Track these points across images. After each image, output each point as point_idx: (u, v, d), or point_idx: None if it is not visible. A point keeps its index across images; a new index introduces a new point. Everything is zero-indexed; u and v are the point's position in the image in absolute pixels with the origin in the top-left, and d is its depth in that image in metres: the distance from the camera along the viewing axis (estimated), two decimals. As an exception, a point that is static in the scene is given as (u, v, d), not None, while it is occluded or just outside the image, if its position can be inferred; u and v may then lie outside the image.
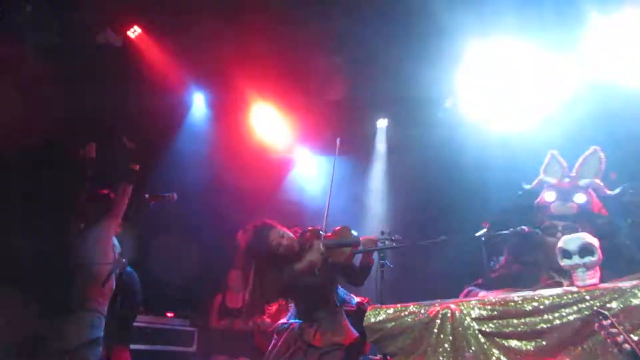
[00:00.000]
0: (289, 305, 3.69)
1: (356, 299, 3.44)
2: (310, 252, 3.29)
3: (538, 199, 3.01)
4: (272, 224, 3.35)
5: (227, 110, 7.05)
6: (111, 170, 3.84)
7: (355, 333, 3.25)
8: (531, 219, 3.02)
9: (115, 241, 3.75)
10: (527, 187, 3.18)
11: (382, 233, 3.16)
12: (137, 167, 3.56)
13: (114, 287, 3.53)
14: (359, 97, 6.77)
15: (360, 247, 3.21)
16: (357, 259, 3.38)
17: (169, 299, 6.31)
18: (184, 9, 5.65)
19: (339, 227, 3.35)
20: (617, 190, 2.97)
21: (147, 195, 3.61)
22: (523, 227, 2.87)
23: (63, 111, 5.52)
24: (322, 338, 3.20)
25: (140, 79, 6.23)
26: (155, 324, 5.92)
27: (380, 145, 7.42)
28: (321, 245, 3.24)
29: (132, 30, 6.13)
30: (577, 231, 2.74)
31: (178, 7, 5.67)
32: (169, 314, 6.22)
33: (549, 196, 2.94)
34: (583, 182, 2.92)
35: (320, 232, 3.33)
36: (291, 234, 3.33)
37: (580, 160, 2.98)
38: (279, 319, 3.72)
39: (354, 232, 3.29)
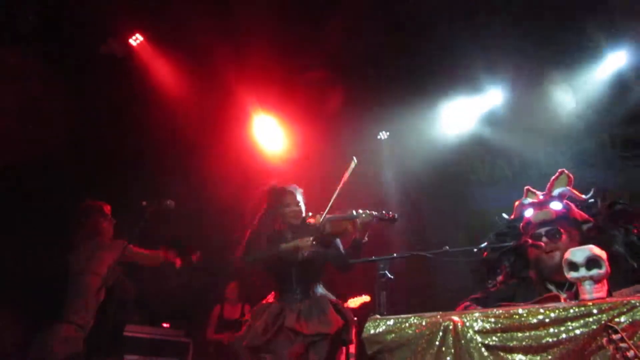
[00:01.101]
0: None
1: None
2: (301, 239, 3.33)
3: (522, 222, 3.03)
4: (292, 191, 3.48)
5: (227, 121, 7.04)
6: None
7: (341, 320, 3.21)
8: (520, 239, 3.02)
9: (111, 253, 3.73)
10: (507, 217, 3.21)
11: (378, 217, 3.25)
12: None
13: (101, 300, 3.48)
14: (360, 110, 6.79)
15: (359, 219, 3.26)
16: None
17: (165, 310, 6.26)
18: (185, 17, 5.67)
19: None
20: (590, 193, 2.99)
21: (144, 203, 3.57)
22: (527, 239, 2.85)
23: (65, 122, 5.53)
24: (308, 325, 3.17)
25: (143, 87, 6.24)
26: (150, 334, 5.87)
27: (381, 157, 7.41)
28: (320, 218, 3.31)
29: (134, 38, 6.13)
30: (560, 235, 2.79)
31: (179, 15, 5.69)
32: (164, 325, 6.16)
33: (528, 213, 2.98)
34: (556, 191, 2.97)
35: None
36: (299, 210, 3.46)
37: (550, 181, 3.04)
38: None
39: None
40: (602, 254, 2.27)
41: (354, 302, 5.07)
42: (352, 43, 5.94)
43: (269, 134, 7.19)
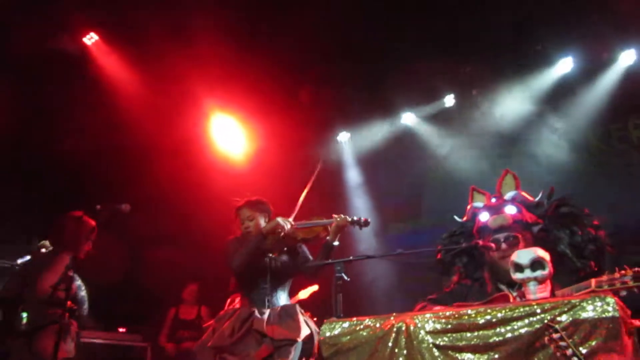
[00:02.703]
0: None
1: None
2: (282, 218, 3.41)
3: (475, 225, 3.11)
4: (247, 206, 3.54)
5: (186, 122, 6.95)
6: None
7: (308, 330, 3.25)
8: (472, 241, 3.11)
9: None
10: (460, 220, 3.32)
11: (352, 221, 3.33)
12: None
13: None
14: (321, 111, 6.82)
15: (335, 223, 3.34)
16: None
17: (120, 314, 6.15)
18: (139, 15, 5.57)
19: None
20: (539, 197, 3.11)
21: (98, 207, 3.50)
22: (477, 241, 2.95)
23: (10, 122, 5.36)
24: (276, 330, 3.21)
25: (97, 86, 6.10)
26: (106, 339, 5.75)
27: (342, 158, 7.47)
28: (288, 223, 3.37)
29: (88, 37, 5.99)
30: (518, 240, 2.90)
31: (134, 13, 5.58)
32: (120, 329, 6.05)
33: (483, 217, 3.07)
34: (508, 195, 3.08)
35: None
36: (256, 223, 3.50)
37: (498, 182, 3.17)
38: None
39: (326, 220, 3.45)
40: (546, 255, 2.38)
41: (304, 293, 5.10)
42: (312, 41, 5.96)
43: (227, 133, 7.14)
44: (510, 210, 3.00)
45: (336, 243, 3.40)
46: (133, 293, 6.52)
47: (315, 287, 5.23)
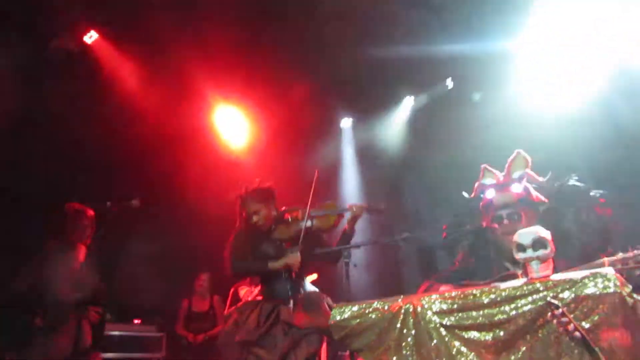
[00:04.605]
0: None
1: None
2: (290, 257, 3.38)
3: (482, 202, 3.14)
4: (252, 198, 3.53)
5: (189, 114, 7.00)
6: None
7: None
8: (480, 220, 3.16)
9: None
10: (468, 197, 3.34)
11: (370, 209, 3.38)
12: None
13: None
14: (324, 97, 6.85)
15: (348, 212, 3.38)
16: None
17: (135, 306, 6.25)
18: (140, 12, 5.58)
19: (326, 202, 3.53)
20: (548, 176, 3.12)
21: (108, 203, 3.58)
22: (482, 222, 2.99)
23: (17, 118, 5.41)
24: (302, 319, 3.26)
25: (99, 84, 6.14)
26: (122, 331, 5.86)
27: (345, 145, 7.52)
28: (296, 259, 3.34)
29: (88, 35, 6.01)
30: (520, 217, 2.93)
31: (134, 10, 5.60)
32: (135, 321, 6.15)
33: (489, 194, 3.10)
34: (516, 174, 3.10)
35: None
36: (268, 213, 3.50)
37: (508, 162, 3.17)
38: None
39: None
40: (547, 235, 2.42)
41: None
42: (313, 29, 5.97)
43: (232, 125, 7.19)
44: (516, 188, 3.02)
45: (355, 231, 3.45)
46: (145, 285, 6.61)
47: (314, 276, 5.33)
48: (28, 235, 4.50)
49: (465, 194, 3.38)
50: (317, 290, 3.55)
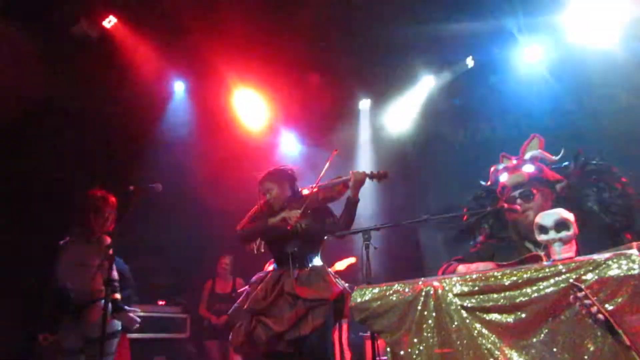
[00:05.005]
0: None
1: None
2: (288, 211, 3.47)
3: (498, 187, 3.14)
4: (267, 178, 3.62)
5: (208, 97, 7.03)
6: None
7: (340, 287, 3.34)
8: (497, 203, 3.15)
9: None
10: (484, 184, 3.34)
11: (371, 175, 3.40)
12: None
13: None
14: (342, 79, 6.81)
15: (351, 180, 3.41)
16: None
17: (159, 288, 6.36)
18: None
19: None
20: (560, 154, 3.10)
21: (131, 187, 3.62)
22: (503, 204, 2.98)
23: (39, 104, 5.48)
24: (308, 291, 3.28)
25: (119, 69, 6.18)
26: (148, 312, 5.99)
27: (364, 126, 7.49)
28: (293, 216, 3.42)
29: (107, 20, 6.05)
30: (532, 195, 2.91)
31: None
32: (160, 302, 6.28)
33: (503, 177, 3.09)
34: (528, 155, 3.09)
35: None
36: (281, 193, 3.58)
37: (523, 145, 3.16)
38: None
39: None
40: (570, 216, 2.40)
41: (341, 265, 5.21)
42: (333, 10, 5.91)
43: (251, 109, 7.20)
44: (528, 168, 3.01)
45: (358, 199, 3.46)
46: (169, 266, 6.73)
47: (352, 259, 5.35)
48: (51, 223, 4.62)
49: (482, 182, 3.38)
50: (323, 264, 3.56)
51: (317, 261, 3.55)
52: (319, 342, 3.26)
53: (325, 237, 3.63)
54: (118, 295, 3.74)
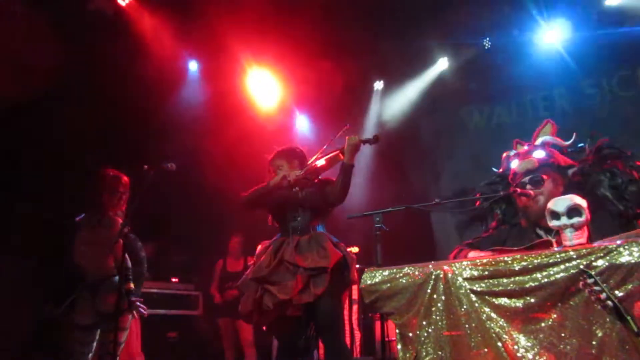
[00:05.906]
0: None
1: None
2: (288, 171, 3.55)
3: (509, 173, 3.14)
4: (277, 156, 3.66)
5: (222, 77, 7.02)
6: None
7: (339, 252, 3.37)
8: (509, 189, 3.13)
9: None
10: (496, 170, 3.35)
11: (364, 140, 3.43)
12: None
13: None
14: (356, 60, 6.76)
15: (346, 143, 3.44)
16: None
17: (172, 265, 6.44)
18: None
19: None
20: (572, 139, 3.09)
21: (146, 167, 3.65)
22: (515, 189, 2.97)
23: (53, 77, 5.50)
24: (306, 258, 3.31)
25: (132, 47, 6.18)
26: (161, 289, 6.08)
27: (377, 108, 7.45)
28: (293, 173, 3.52)
29: (122, -3, 6.04)
30: (542, 180, 2.92)
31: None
32: (173, 279, 6.37)
33: (514, 164, 3.10)
34: (539, 140, 3.10)
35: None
36: (287, 169, 3.60)
37: (536, 131, 3.17)
38: None
39: None
40: (583, 202, 2.39)
41: None
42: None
43: (265, 89, 7.19)
44: (539, 154, 3.00)
45: (353, 164, 3.47)
46: (182, 244, 6.80)
47: (355, 249, 5.40)
48: (67, 201, 4.67)
49: (494, 169, 3.38)
50: (323, 232, 3.56)
51: (320, 228, 3.57)
52: (324, 308, 3.28)
53: (329, 208, 3.64)
54: (132, 285, 3.78)
